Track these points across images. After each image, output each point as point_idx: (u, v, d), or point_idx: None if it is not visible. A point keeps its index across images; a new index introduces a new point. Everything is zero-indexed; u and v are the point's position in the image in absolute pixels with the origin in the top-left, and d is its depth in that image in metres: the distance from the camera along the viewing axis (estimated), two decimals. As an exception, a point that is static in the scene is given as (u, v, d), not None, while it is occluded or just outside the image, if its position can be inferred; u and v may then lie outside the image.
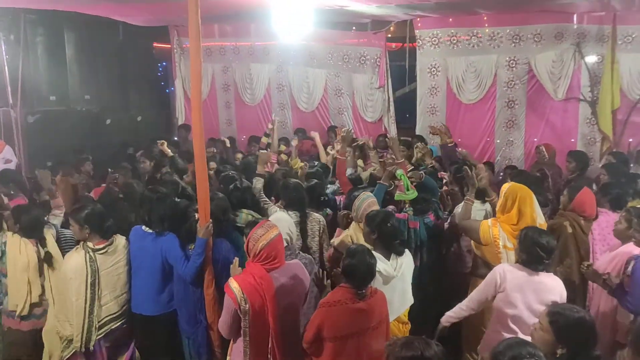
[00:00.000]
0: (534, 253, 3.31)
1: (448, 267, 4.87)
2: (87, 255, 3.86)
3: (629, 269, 3.64)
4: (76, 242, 4.10)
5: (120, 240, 4.10)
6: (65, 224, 4.48)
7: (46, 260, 4.08)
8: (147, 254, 4.03)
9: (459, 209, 4.68)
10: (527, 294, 3.29)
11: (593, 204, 4.52)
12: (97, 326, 3.92)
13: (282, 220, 3.82)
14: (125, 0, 6.06)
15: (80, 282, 3.82)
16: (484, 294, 3.49)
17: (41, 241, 4.11)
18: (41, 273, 4.12)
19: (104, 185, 5.98)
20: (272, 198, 5.02)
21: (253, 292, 3.01)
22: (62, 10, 7.07)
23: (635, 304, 3.52)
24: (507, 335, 3.12)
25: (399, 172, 4.75)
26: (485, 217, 4.49)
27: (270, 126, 6.85)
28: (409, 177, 5.02)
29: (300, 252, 3.94)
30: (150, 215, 4.08)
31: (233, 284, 3.06)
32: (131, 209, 4.72)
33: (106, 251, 3.96)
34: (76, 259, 3.86)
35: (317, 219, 4.59)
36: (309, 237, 4.50)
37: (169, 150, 6.61)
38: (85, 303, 3.83)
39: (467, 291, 4.05)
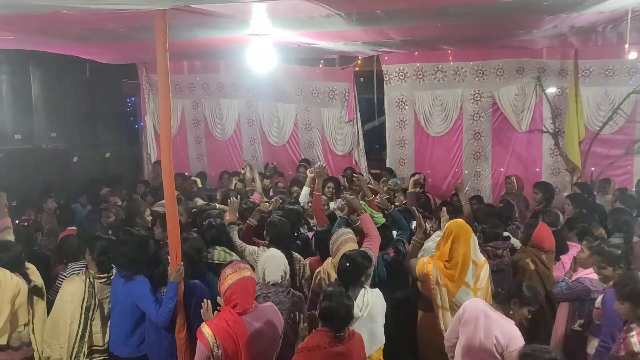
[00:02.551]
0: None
1: (414, 304, 4.74)
2: (88, 280, 4.01)
3: (598, 301, 3.71)
4: None
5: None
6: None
7: (35, 292, 4.16)
8: (119, 295, 3.98)
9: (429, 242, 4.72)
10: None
11: (551, 237, 4.63)
12: (85, 352, 3.97)
13: (277, 257, 3.84)
14: (93, 41, 6.03)
15: (77, 305, 3.93)
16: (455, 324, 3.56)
17: (24, 276, 4.15)
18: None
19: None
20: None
21: (226, 338, 2.98)
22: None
23: (606, 336, 3.57)
24: None
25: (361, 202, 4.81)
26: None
27: (243, 170, 7.05)
28: (377, 203, 5.11)
29: (292, 290, 3.90)
30: (117, 258, 4.00)
31: (205, 329, 3.02)
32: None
33: (106, 281, 4.08)
34: (77, 282, 4.00)
35: (298, 258, 4.55)
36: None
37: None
38: (79, 327, 3.93)
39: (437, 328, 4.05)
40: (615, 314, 3.37)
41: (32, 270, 4.28)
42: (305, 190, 5.98)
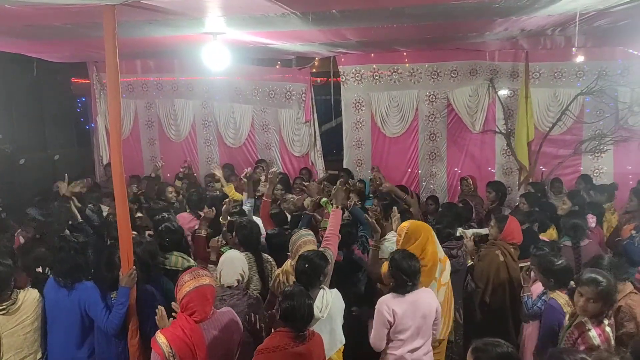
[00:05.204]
0: (398, 278, 3.60)
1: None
2: None
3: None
4: None
5: (29, 295, 3.78)
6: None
7: None
8: (63, 307, 3.76)
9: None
10: (414, 316, 3.62)
11: (519, 230, 4.75)
12: None
13: (235, 260, 3.76)
14: (39, 38, 5.79)
15: None
16: (382, 331, 3.64)
17: None
18: None
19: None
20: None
21: (182, 347, 2.89)
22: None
23: (540, 345, 3.65)
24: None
25: (324, 200, 4.81)
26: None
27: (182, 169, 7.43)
28: (352, 187, 5.10)
29: (248, 292, 3.82)
30: (56, 266, 3.83)
31: (160, 338, 2.92)
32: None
33: (7, 311, 3.63)
34: None
35: (267, 259, 4.47)
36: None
37: None
38: None
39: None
40: (551, 326, 3.51)
41: None
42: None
